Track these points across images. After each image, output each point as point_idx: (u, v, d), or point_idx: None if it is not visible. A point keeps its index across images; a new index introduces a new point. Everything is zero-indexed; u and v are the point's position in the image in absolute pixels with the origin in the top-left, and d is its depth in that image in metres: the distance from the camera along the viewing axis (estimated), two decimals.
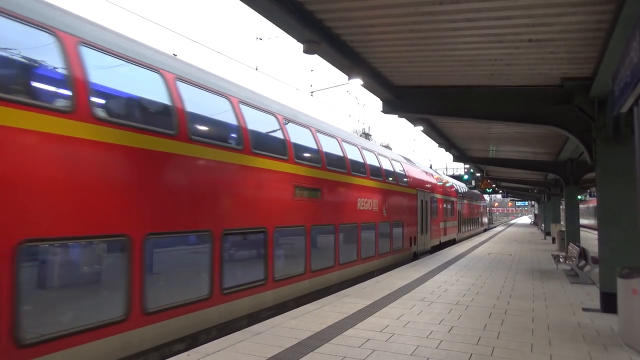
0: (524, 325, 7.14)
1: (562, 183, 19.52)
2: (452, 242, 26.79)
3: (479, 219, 44.06)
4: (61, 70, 5.32)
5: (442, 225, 24.27)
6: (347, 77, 8.62)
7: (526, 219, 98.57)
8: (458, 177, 40.13)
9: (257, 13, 6.26)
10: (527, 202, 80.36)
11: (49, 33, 5.24)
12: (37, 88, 5.34)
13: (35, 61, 5.30)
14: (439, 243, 23.11)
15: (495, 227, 60.61)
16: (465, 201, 34.07)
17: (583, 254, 12.08)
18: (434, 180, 22.98)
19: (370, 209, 13.95)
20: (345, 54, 7.88)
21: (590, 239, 24.43)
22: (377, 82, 9.41)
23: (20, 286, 4.48)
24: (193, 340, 6.62)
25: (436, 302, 8.91)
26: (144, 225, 5.98)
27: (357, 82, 8.71)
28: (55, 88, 5.43)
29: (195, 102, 7.44)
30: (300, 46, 7.19)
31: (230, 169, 7.86)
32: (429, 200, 20.98)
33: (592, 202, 44.10)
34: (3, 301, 4.33)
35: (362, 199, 13.40)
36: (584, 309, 8.37)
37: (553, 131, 11.13)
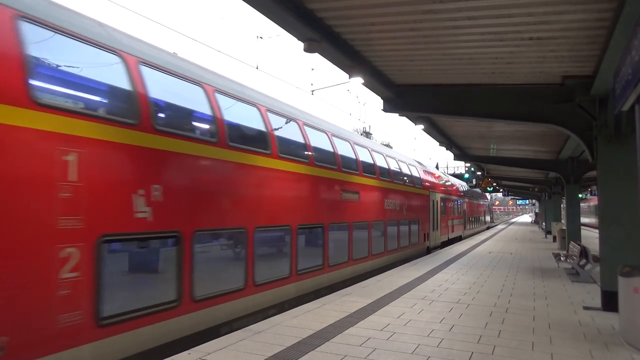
0: (525, 324, 7.14)
1: (563, 181, 19.49)
2: (459, 239, 28.41)
3: (482, 218, 46.49)
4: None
5: (450, 223, 26.15)
6: (347, 75, 8.61)
7: (527, 218, 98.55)
8: (459, 176, 40.07)
9: (257, 12, 6.26)
10: (527, 201, 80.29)
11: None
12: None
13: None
14: (447, 239, 24.90)
15: (495, 225, 61.41)
16: (470, 200, 35.75)
17: (584, 252, 12.08)
18: (443, 182, 25.07)
19: (394, 208, 16.00)
20: (346, 53, 7.88)
21: (591, 237, 24.43)
22: (378, 81, 9.40)
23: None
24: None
25: (437, 300, 8.91)
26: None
27: (358, 80, 8.71)
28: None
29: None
30: (301, 45, 7.19)
31: (300, 177, 9.82)
32: (439, 200, 23.01)
33: (593, 201, 44.15)
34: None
35: (388, 200, 15.43)
36: (585, 308, 8.36)
37: (554, 130, 11.12)
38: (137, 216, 5.82)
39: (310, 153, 10.36)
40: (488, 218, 55.89)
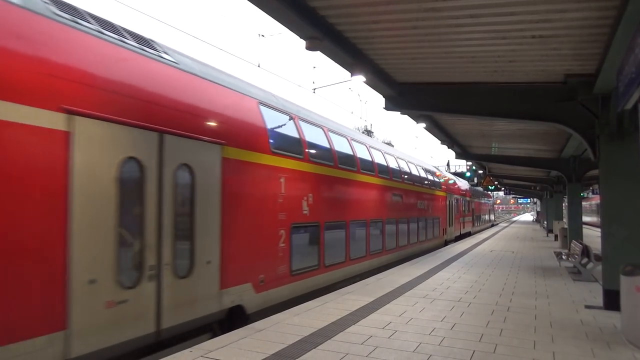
0: (527, 323, 7.13)
1: (565, 180, 19.47)
2: (468, 234, 32.34)
3: (488, 216, 52.28)
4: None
5: (462, 220, 30.27)
6: (349, 74, 8.59)
7: (528, 217, 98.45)
8: (460, 174, 40.02)
9: (259, 10, 6.25)
10: (529, 200, 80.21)
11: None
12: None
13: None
14: (459, 234, 28.92)
15: (497, 223, 62.27)
16: (477, 200, 39.95)
17: (586, 251, 12.06)
18: (456, 185, 29.13)
19: (423, 207, 20.09)
20: (348, 51, 7.86)
21: (593, 236, 24.40)
22: (380, 79, 9.38)
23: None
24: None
25: (439, 299, 8.90)
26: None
27: (360, 79, 8.69)
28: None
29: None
30: (303, 43, 7.18)
31: (371, 186, 13.89)
32: (454, 201, 27.05)
33: (595, 200, 44.08)
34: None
35: (420, 202, 19.54)
36: (587, 307, 8.35)
37: (556, 128, 11.09)
38: (303, 213, 9.75)
39: (377, 169, 14.59)
40: (492, 217, 61.24)
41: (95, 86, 5.33)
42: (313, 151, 10.39)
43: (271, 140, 8.71)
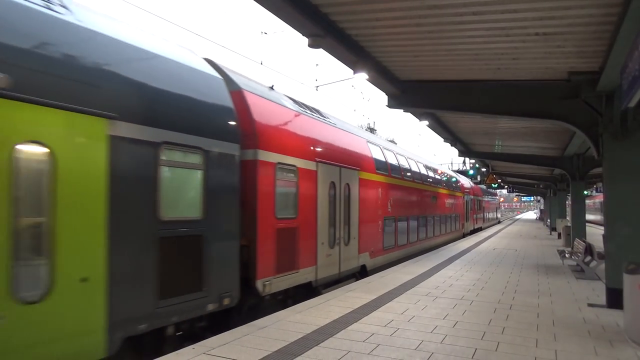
0: (529, 321, 7.13)
1: (569, 178, 19.40)
2: (480, 229, 37.73)
3: (495, 213, 58.47)
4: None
5: (474, 216, 35.88)
6: (352, 71, 8.58)
7: (532, 215, 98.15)
8: (463, 172, 40.05)
9: (262, 7, 6.24)
10: (532, 198, 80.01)
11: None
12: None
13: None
14: (473, 228, 34.47)
15: (502, 220, 63.68)
16: (486, 199, 45.14)
17: (589, 249, 12.03)
18: (470, 186, 34.29)
19: (449, 207, 25.09)
20: (351, 48, 7.85)
21: (596, 234, 24.30)
22: (383, 77, 9.36)
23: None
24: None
25: (441, 297, 8.90)
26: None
27: (363, 76, 8.67)
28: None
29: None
30: (306, 40, 7.17)
31: (420, 190, 18.99)
32: (469, 200, 32.53)
33: (598, 198, 43.96)
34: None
35: (447, 201, 24.66)
36: (590, 305, 8.34)
37: (559, 126, 11.05)
38: (388, 210, 14.45)
39: (424, 178, 19.71)
40: (499, 214, 68.41)
41: (323, 146, 10.38)
42: (391, 169, 15.31)
43: (374, 164, 13.61)
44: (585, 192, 28.71)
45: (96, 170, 5.04)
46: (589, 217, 35.91)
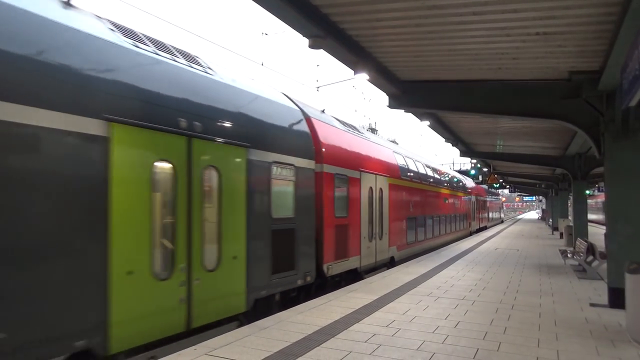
0: (531, 321, 7.12)
1: (570, 178, 19.38)
2: (484, 228, 40.20)
3: (498, 213, 61.14)
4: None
5: (480, 216, 38.64)
6: (353, 72, 8.58)
7: (534, 214, 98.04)
8: (465, 172, 40.06)
9: (262, 8, 6.25)
10: (534, 197, 79.92)
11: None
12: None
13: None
14: (479, 227, 37.28)
15: (505, 220, 64.59)
16: (490, 199, 48.17)
17: (591, 249, 12.01)
18: (476, 188, 36.48)
19: (459, 207, 27.73)
20: (351, 49, 7.85)
21: (598, 234, 24.24)
22: (383, 77, 9.37)
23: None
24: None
25: (442, 297, 8.90)
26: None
27: (363, 77, 8.67)
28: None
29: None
30: (306, 41, 7.17)
31: (436, 193, 21.59)
32: (475, 201, 35.03)
33: (600, 197, 43.92)
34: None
35: (457, 202, 27.38)
36: (592, 305, 8.32)
37: (561, 125, 11.04)
38: (410, 210, 16.88)
39: (439, 182, 22.77)
40: (502, 214, 70.69)
41: (363, 158, 12.70)
42: (411, 174, 17.43)
43: (399, 171, 15.80)
44: (587, 192, 28.83)
45: (241, 183, 7.36)
46: (590, 216, 35.94)
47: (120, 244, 5.34)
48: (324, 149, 10.34)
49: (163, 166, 6.04)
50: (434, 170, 22.55)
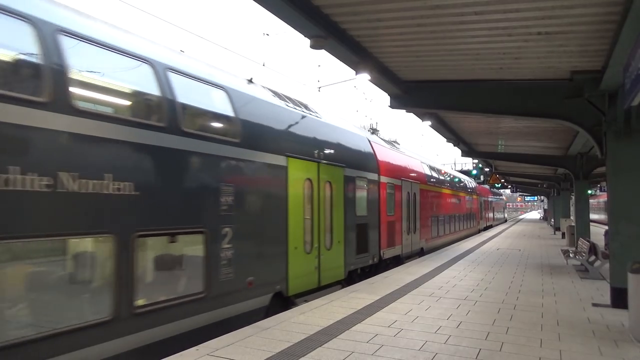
0: (533, 321, 7.11)
1: (572, 177, 19.34)
2: (490, 227, 43.50)
3: (502, 213, 65.83)
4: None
5: (486, 215, 42.78)
6: (354, 72, 8.58)
7: (535, 214, 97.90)
8: (466, 172, 40.10)
9: (264, 9, 6.25)
10: (536, 197, 79.82)
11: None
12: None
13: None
14: (485, 225, 41.32)
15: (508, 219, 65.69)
16: (495, 200, 52.38)
17: (593, 249, 11.99)
18: (483, 189, 40.49)
19: (470, 207, 31.76)
20: (353, 49, 7.85)
21: (600, 234, 24.19)
22: (385, 77, 9.36)
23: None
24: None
25: (444, 297, 8.89)
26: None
27: (365, 77, 8.67)
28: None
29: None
30: (308, 42, 7.17)
31: (452, 195, 25.81)
32: (482, 201, 39.32)
33: (602, 197, 43.90)
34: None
35: (468, 203, 30.99)
36: (594, 305, 8.31)
37: (563, 125, 11.03)
38: (434, 210, 20.55)
39: (457, 186, 27.11)
40: (506, 214, 75.89)
41: (403, 168, 16.14)
42: (434, 180, 21.08)
43: (426, 178, 19.20)
44: (590, 192, 28.94)
45: (340, 191, 10.85)
46: (593, 216, 35.97)
47: (292, 230, 8.77)
48: (380, 165, 13.79)
49: (308, 181, 9.54)
50: (451, 176, 27.25)
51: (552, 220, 36.54)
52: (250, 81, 8.81)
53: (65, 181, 4.79)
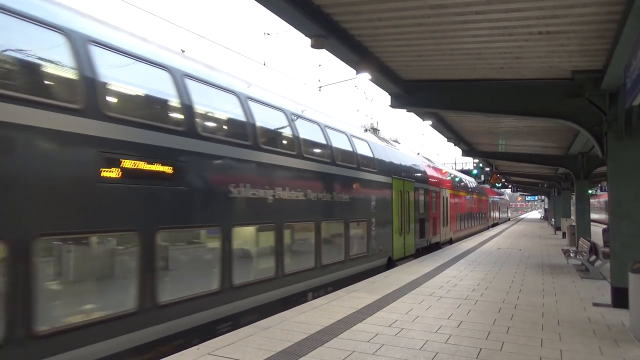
0: (534, 320, 7.11)
1: (573, 177, 19.33)
2: (496, 224, 49.65)
3: (507, 212, 73.51)
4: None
5: (492, 214, 48.60)
6: (355, 71, 8.57)
7: (536, 214, 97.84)
8: (467, 172, 40.28)
9: (264, 8, 6.25)
10: (536, 197, 79.81)
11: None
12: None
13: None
14: (492, 224, 47.01)
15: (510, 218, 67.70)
16: (500, 200, 58.97)
17: (594, 248, 11.98)
18: (492, 191, 46.63)
19: (482, 207, 38.83)
20: (353, 49, 7.84)
21: (600, 234, 24.17)
22: (386, 77, 9.36)
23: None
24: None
25: (445, 297, 8.89)
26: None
27: (365, 76, 8.65)
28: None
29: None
30: (308, 41, 7.17)
31: (471, 198, 33.81)
32: (491, 202, 46.05)
33: (603, 197, 43.96)
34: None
35: (481, 203, 37.72)
36: (595, 304, 8.30)
37: (563, 125, 11.01)
38: (457, 209, 26.88)
39: (472, 190, 33.92)
40: (509, 213, 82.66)
41: (439, 178, 22.33)
42: (457, 186, 26.86)
43: (452, 184, 25.61)
44: (590, 191, 29.08)
45: (412, 197, 16.93)
46: (593, 216, 36.06)
47: (394, 221, 14.80)
48: (429, 178, 19.66)
49: (399, 192, 15.27)
50: (469, 183, 33.57)
51: (553, 220, 36.53)
52: (374, 130, 17.79)
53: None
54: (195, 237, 7.03)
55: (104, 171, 5.23)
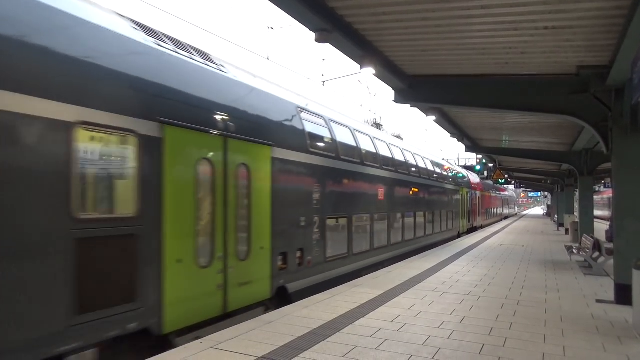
0: (537, 317, 7.10)
1: (577, 174, 19.26)
2: (507, 217, 57.12)
3: (515, 207, 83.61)
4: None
5: (506, 209, 58.75)
6: (359, 66, 8.54)
7: (539, 210, 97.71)
8: (470, 168, 40.77)
9: (269, 1, 6.22)
10: (540, 193, 79.76)
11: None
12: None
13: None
14: (505, 216, 55.89)
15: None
16: (509, 197, 66.35)
17: (597, 245, 11.95)
18: (505, 189, 54.45)
19: (500, 204, 51.99)
20: (358, 43, 7.81)
21: (604, 230, 24.12)
22: (390, 72, 9.32)
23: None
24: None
25: (448, 292, 8.89)
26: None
27: (369, 71, 8.62)
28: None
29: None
30: (312, 35, 7.14)
31: (491, 197, 44.36)
32: (502, 198, 52.99)
33: (606, 194, 44.00)
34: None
35: (499, 200, 50.77)
36: (598, 301, 8.29)
37: (568, 121, 10.96)
38: (485, 205, 38.07)
39: (493, 190, 44.30)
40: (516, 208, 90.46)
41: (471, 182, 32.61)
42: (485, 187, 37.65)
43: (482, 187, 36.30)
44: (597, 188, 29.09)
45: (465, 198, 29.20)
46: (596, 212, 36.01)
47: (460, 212, 26.59)
48: (470, 182, 29.32)
49: (461, 195, 27.02)
50: (492, 184, 39.84)
51: (556, 216, 36.49)
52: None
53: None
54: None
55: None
